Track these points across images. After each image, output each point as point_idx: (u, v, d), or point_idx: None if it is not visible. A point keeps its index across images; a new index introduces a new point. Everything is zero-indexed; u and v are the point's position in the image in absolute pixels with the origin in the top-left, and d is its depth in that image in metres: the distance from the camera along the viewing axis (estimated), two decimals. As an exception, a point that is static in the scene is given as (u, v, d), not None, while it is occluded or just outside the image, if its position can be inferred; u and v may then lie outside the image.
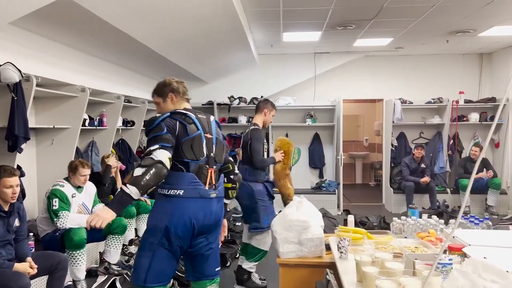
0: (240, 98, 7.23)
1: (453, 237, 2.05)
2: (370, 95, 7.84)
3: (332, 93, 7.36)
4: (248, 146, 3.70)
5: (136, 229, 5.01)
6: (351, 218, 2.91)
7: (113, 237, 4.01)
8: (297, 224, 2.49)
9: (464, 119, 7.20)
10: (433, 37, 6.10)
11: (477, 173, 6.57)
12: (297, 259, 2.51)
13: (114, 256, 4.04)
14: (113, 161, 4.76)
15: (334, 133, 7.34)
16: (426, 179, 6.53)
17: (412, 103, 7.23)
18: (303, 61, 7.36)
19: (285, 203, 3.76)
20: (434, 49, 7.07)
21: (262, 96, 7.25)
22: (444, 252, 1.94)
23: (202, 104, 7.31)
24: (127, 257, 4.43)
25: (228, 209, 2.75)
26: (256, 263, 3.77)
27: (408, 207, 3.93)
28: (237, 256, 4.64)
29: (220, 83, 7.55)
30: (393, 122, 7.13)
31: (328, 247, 2.58)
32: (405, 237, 2.53)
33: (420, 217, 2.75)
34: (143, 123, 6.24)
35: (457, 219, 1.22)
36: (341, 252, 2.15)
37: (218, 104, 7.25)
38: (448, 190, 6.92)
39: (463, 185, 6.58)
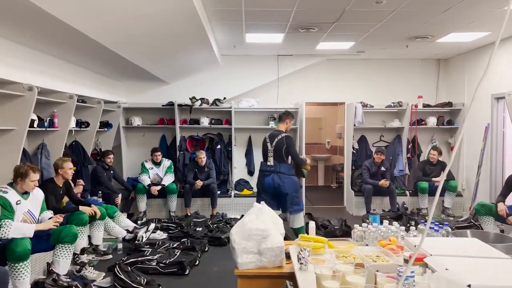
0: (202, 99, 7.05)
1: (414, 246, 2.00)
2: (332, 98, 7.88)
3: (295, 96, 7.34)
4: (284, 150, 4.79)
5: (89, 236, 4.74)
6: (312, 225, 2.83)
7: (62, 247, 3.74)
8: (257, 233, 2.38)
9: (423, 122, 7.37)
10: (394, 42, 6.19)
11: (435, 177, 6.75)
12: (256, 269, 2.39)
13: (63, 267, 3.77)
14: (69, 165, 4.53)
15: (297, 136, 7.31)
16: (384, 182, 6.61)
17: (373, 106, 7.32)
18: (266, 63, 7.29)
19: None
20: (394, 54, 7.20)
21: (225, 98, 7.12)
22: (406, 262, 1.89)
23: (163, 105, 7.08)
24: (78, 267, 4.17)
25: None
26: None
27: (369, 213, 3.92)
28: (196, 264, 4.49)
29: (182, 84, 7.35)
30: (355, 125, 7.19)
31: (288, 256, 2.48)
32: (366, 245, 2.48)
33: (381, 222, 2.72)
34: (98, 124, 5.96)
35: (423, 233, 1.14)
36: (301, 263, 2.06)
37: (179, 105, 7.03)
38: (407, 193, 7.06)
39: (421, 187, 6.72)
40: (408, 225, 5.56)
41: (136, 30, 4.05)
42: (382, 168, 6.85)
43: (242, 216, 6.32)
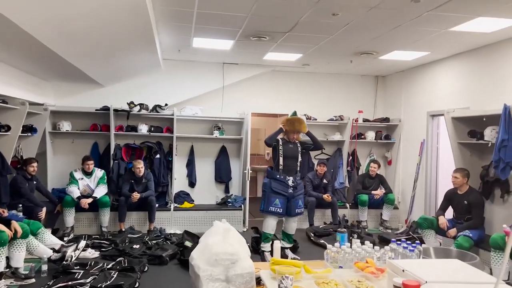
0: (141, 105, 6.56)
1: (402, 270, 1.86)
2: (276, 109, 7.78)
3: (240, 105, 7.14)
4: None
5: (8, 258, 4.09)
6: (277, 245, 2.61)
7: (-25, 273, 3.14)
8: (225, 258, 2.10)
9: (362, 137, 7.55)
10: (340, 56, 6.26)
11: (374, 190, 6.90)
12: (224, 299, 2.11)
13: (-25, 298, 3.17)
14: None
15: (242, 147, 7.10)
16: (327, 197, 6.64)
17: (316, 119, 7.36)
18: (211, 70, 7.02)
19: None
20: (337, 69, 7.32)
21: (166, 104, 6.71)
22: (399, 290, 1.74)
23: (96, 110, 6.48)
24: (-7, 295, 3.54)
25: None
26: (265, 244, 5.05)
27: (337, 231, 3.80)
28: (136, 286, 4.05)
29: (119, 87, 6.80)
30: (298, 137, 7.14)
31: (258, 281, 2.23)
32: (340, 267, 2.32)
33: (329, 235, 2.58)
34: (21, 128, 5.26)
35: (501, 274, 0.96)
36: (283, 294, 1.82)
37: (115, 110, 6.48)
38: (347, 205, 7.14)
39: (361, 200, 6.83)
40: (351, 237, 5.60)
41: (75, 23, 3.59)
42: (325, 181, 6.88)
43: (185, 231, 5.90)
